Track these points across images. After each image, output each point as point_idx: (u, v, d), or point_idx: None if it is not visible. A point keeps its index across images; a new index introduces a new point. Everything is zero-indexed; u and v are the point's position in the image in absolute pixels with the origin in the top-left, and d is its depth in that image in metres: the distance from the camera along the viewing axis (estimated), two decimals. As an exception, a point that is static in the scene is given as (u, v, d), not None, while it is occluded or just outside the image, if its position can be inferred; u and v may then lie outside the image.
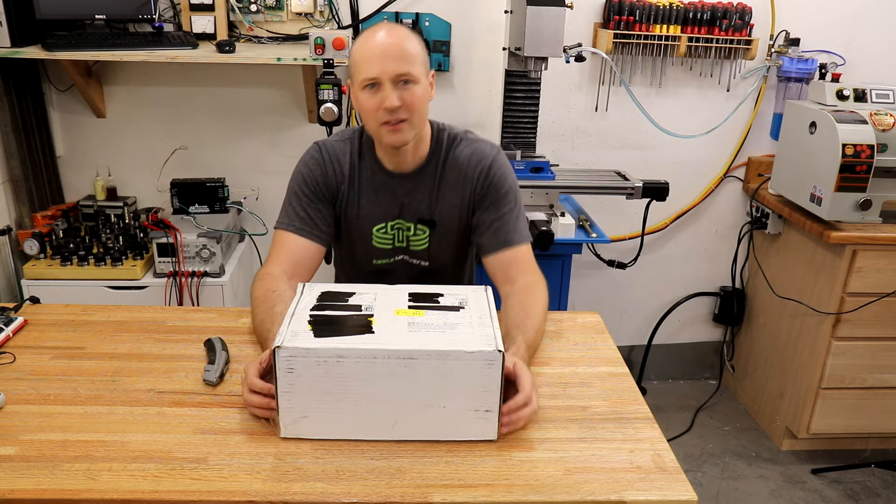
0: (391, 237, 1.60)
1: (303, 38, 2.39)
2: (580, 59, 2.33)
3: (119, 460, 1.06)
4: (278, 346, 1.06)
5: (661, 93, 2.66)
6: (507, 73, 2.32)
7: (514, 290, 1.46)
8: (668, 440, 1.17)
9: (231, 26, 2.39)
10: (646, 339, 2.99)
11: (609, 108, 2.66)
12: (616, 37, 2.46)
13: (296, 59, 2.16)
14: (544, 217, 2.17)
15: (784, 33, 2.58)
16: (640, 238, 2.51)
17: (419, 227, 1.58)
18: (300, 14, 2.40)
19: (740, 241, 2.88)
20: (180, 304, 2.21)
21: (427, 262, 1.62)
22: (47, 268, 2.20)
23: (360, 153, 1.56)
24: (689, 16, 2.48)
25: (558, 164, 2.50)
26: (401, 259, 1.62)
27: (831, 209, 2.21)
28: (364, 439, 1.11)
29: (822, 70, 2.48)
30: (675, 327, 3.03)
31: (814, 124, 2.27)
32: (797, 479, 2.47)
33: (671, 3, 2.48)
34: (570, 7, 2.08)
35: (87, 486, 1.01)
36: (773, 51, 2.60)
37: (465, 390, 1.09)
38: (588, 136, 2.70)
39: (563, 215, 2.21)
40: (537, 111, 2.38)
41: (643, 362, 3.00)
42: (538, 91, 2.36)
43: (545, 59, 2.13)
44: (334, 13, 2.42)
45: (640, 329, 3.02)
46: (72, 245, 2.25)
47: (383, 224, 1.58)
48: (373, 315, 1.17)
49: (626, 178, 2.34)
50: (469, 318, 1.16)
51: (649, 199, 2.29)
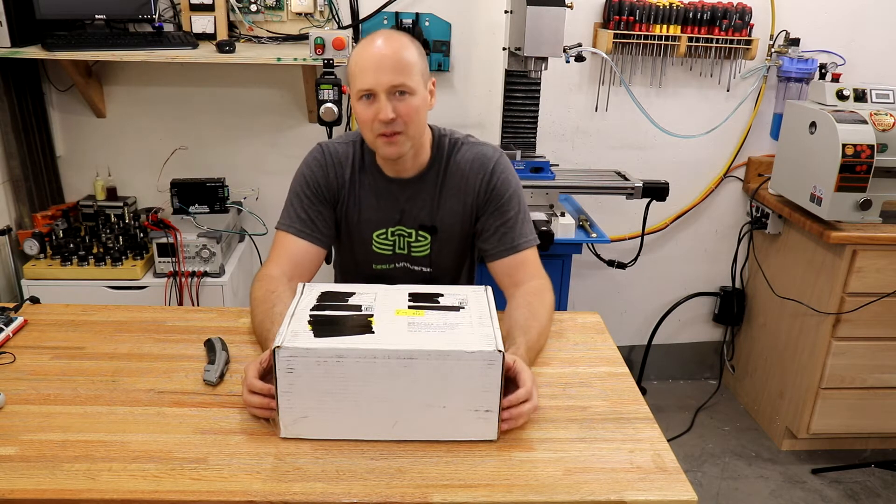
0: (391, 243, 1.59)
1: (303, 38, 2.39)
2: (580, 59, 2.33)
3: (119, 460, 1.06)
4: (278, 346, 1.06)
5: (661, 93, 2.66)
6: (507, 73, 2.32)
7: (520, 292, 1.46)
8: (668, 440, 1.17)
9: (231, 26, 2.39)
10: (646, 339, 2.99)
11: (609, 108, 2.66)
12: (616, 37, 2.46)
13: (296, 59, 2.16)
14: (544, 217, 2.17)
15: (784, 33, 2.58)
16: (640, 238, 2.51)
17: (420, 233, 1.57)
18: (300, 14, 2.40)
19: (740, 241, 2.88)
20: (180, 304, 2.21)
21: (429, 269, 1.61)
22: (47, 268, 2.20)
23: (361, 157, 1.56)
24: (689, 16, 2.48)
25: (558, 164, 2.50)
26: (402, 266, 1.61)
27: (831, 209, 2.21)
28: (364, 439, 1.11)
29: (822, 70, 2.48)
30: (675, 327, 3.03)
31: (814, 124, 2.27)
32: (797, 479, 2.47)
33: (671, 3, 2.47)
34: (570, 7, 2.08)
35: (87, 486, 1.01)
36: (773, 51, 2.60)
37: (465, 390, 1.09)
38: (588, 136, 2.70)
39: (563, 215, 2.21)
40: (537, 111, 2.38)
41: (643, 362, 3.00)
42: (538, 91, 2.36)
43: (545, 59, 2.13)
44: (334, 13, 2.42)
45: (640, 329, 3.02)
46: (72, 245, 2.25)
47: (383, 230, 1.57)
48: (373, 315, 1.17)
49: (626, 178, 2.34)
50: (469, 318, 1.16)
51: (649, 199, 2.29)
